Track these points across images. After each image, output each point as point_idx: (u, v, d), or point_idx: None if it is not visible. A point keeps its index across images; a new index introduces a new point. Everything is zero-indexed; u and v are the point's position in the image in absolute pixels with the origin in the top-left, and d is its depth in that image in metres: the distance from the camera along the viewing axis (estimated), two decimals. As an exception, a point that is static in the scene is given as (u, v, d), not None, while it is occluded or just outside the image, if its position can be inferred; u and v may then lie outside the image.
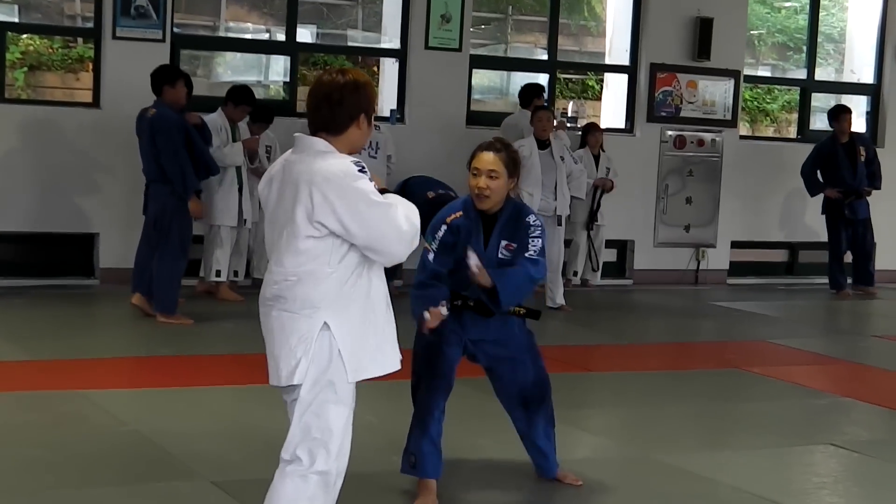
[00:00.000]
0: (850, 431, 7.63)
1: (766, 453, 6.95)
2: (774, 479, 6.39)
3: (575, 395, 8.14)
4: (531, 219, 5.68)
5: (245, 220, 11.20)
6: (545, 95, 12.82)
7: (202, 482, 5.85)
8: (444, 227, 5.64)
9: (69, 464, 6.09)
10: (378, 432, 6.89)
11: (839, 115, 13.87)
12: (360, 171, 4.32)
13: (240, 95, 11.13)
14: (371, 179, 4.36)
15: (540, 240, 5.66)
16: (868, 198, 13.82)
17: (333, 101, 4.41)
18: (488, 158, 5.62)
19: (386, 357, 4.53)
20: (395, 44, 13.08)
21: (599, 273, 13.28)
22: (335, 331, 4.38)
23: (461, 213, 5.64)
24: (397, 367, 4.56)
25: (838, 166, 13.71)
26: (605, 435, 7.46)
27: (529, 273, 5.61)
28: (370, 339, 4.46)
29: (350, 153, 4.44)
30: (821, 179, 13.84)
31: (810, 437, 7.41)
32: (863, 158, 13.81)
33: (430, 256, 5.60)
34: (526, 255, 5.63)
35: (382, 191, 4.47)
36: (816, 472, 6.75)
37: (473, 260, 5.46)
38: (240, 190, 11.13)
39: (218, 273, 11.12)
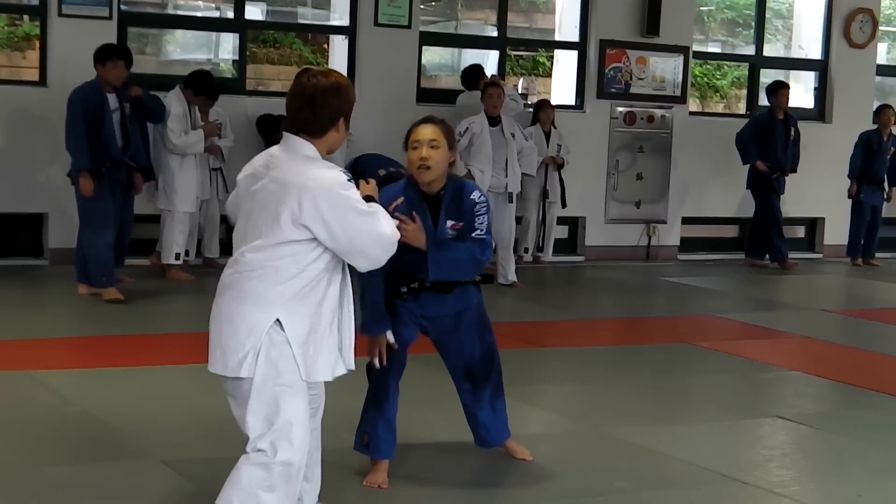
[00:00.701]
0: (797, 404, 7.70)
1: (715, 427, 7.02)
2: (723, 453, 6.44)
3: (526, 371, 8.18)
4: (476, 195, 5.60)
5: (202, 203, 11.20)
6: (488, 75, 12.77)
7: (152, 461, 5.83)
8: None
9: (17, 444, 6.06)
10: (328, 410, 6.89)
11: (777, 90, 13.98)
12: (348, 180, 4.44)
13: (199, 84, 11.08)
14: (359, 188, 4.52)
15: (486, 217, 5.59)
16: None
17: (315, 103, 4.48)
18: (428, 130, 5.52)
19: (336, 364, 4.62)
20: (344, 21, 13.03)
21: (551, 249, 13.32)
22: (287, 328, 4.43)
23: (402, 198, 5.52)
24: (344, 372, 4.65)
25: (774, 140, 13.80)
26: (555, 410, 7.48)
27: (473, 253, 5.55)
28: (321, 342, 4.53)
29: (328, 154, 4.53)
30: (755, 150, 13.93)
31: (758, 410, 7.48)
32: (792, 137, 13.92)
33: None
34: (473, 234, 5.57)
35: (368, 198, 4.58)
36: (764, 445, 6.80)
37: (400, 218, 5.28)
38: (198, 174, 11.10)
39: (177, 256, 11.06)
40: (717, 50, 17.45)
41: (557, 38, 14.64)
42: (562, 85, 14.44)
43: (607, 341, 9.68)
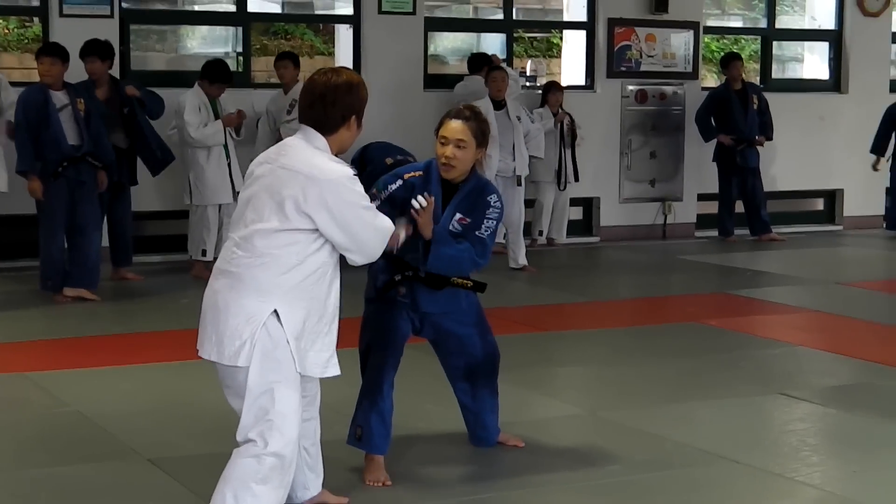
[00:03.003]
0: (803, 381, 7.57)
1: (717, 406, 6.92)
2: (721, 433, 6.36)
3: (531, 356, 8.14)
4: (493, 199, 5.55)
5: (237, 194, 11.09)
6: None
7: (139, 460, 5.79)
8: (399, 182, 5.51)
9: (8, 446, 6.06)
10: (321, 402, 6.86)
11: (730, 62, 13.82)
12: (355, 175, 4.53)
13: (214, 72, 10.93)
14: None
15: (495, 222, 5.54)
16: (760, 147, 13.78)
17: (327, 101, 4.58)
18: (457, 127, 5.48)
19: (329, 363, 4.63)
20: (348, 9, 12.97)
21: (565, 231, 13.23)
22: (284, 320, 4.43)
23: (421, 173, 5.52)
24: (337, 373, 4.68)
25: (731, 113, 13.63)
26: (556, 395, 7.41)
27: (473, 254, 5.51)
28: (317, 340, 4.56)
29: (338, 153, 4.62)
30: (714, 126, 13.77)
31: (762, 387, 7.34)
32: (755, 107, 13.74)
33: (375, 204, 5.33)
34: (476, 232, 5.52)
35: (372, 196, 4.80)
36: (765, 424, 6.70)
37: (421, 200, 5.29)
38: (229, 165, 10.99)
39: (203, 252, 10.95)
40: (738, 24, 17.32)
41: (565, 18, 14.52)
42: (571, 65, 14.31)
43: (616, 323, 9.57)
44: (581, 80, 13.93)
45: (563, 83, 13.62)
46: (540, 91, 13.23)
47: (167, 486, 5.46)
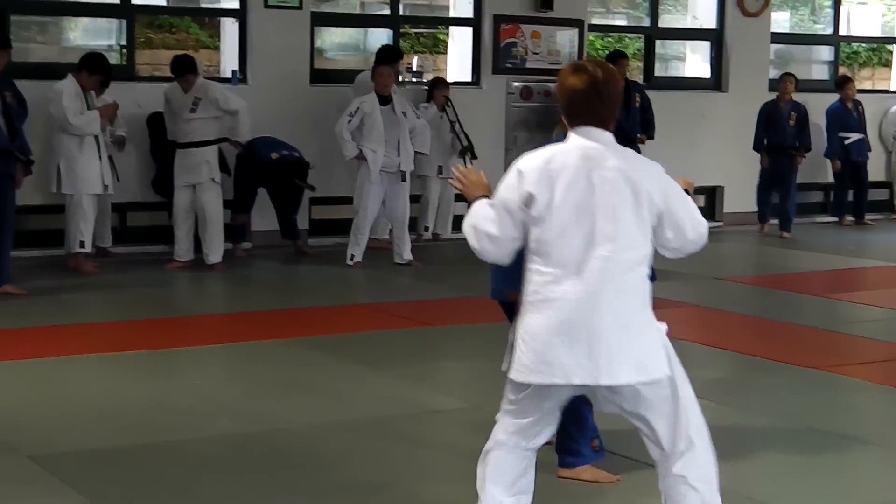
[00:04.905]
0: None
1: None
2: (599, 423, 6.41)
3: (419, 350, 8.24)
4: None
5: (107, 187, 10.99)
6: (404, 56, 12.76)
7: (19, 457, 5.73)
8: None
9: None
10: (206, 397, 6.88)
11: (615, 60, 14.01)
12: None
13: (95, 64, 10.87)
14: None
15: None
16: (641, 145, 13.98)
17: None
18: None
19: None
20: (234, 3, 12.90)
21: (450, 226, 13.31)
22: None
23: None
24: None
25: None
26: (441, 389, 7.47)
27: None
28: None
29: None
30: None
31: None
32: (637, 105, 13.96)
33: None
34: None
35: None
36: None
37: None
38: (100, 157, 10.89)
39: (81, 244, 10.88)
40: (623, 22, 17.54)
41: (452, 14, 14.60)
42: (458, 61, 14.39)
43: (499, 318, 9.60)
44: (467, 77, 14.02)
45: (450, 79, 13.70)
46: (426, 87, 13.29)
47: (47, 483, 5.41)
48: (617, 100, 4.58)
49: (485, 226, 4.52)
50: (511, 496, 4.64)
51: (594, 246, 4.36)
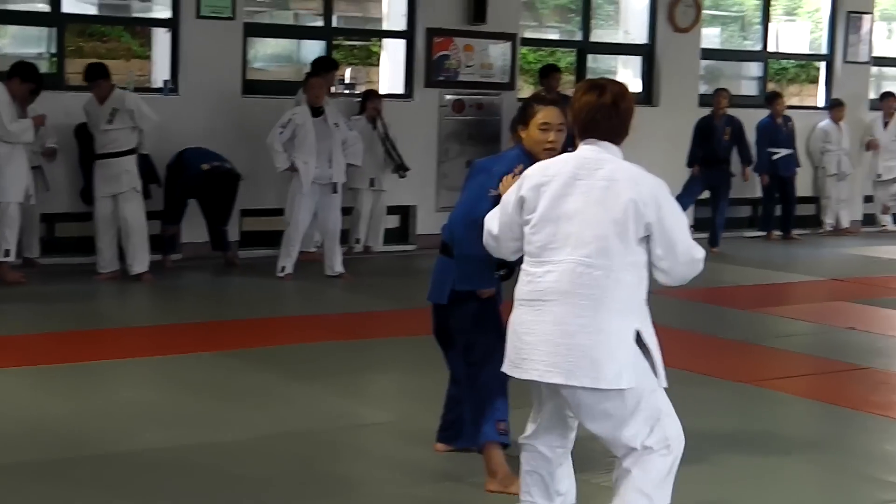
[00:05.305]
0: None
1: (524, 413, 6.98)
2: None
3: (350, 363, 8.20)
4: None
5: (30, 197, 10.88)
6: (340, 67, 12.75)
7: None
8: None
9: None
10: (133, 410, 6.83)
11: (549, 73, 14.07)
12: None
13: (27, 72, 10.82)
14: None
15: None
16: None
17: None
18: (557, 114, 5.59)
19: None
20: (166, 13, 12.82)
21: (381, 239, 13.31)
22: (646, 337, 4.63)
23: (521, 165, 5.47)
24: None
25: None
26: (372, 402, 7.47)
27: None
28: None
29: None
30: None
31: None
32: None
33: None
34: None
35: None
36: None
37: None
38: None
39: (7, 252, 10.74)
40: (556, 36, 17.61)
41: (385, 26, 14.60)
42: (390, 74, 14.40)
43: (430, 331, 9.64)
44: (400, 89, 14.02)
45: (382, 91, 13.70)
46: (359, 99, 13.28)
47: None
48: (630, 116, 4.79)
49: (489, 223, 4.89)
50: None
51: (571, 250, 4.54)
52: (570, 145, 5.00)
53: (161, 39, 13.10)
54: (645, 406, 4.58)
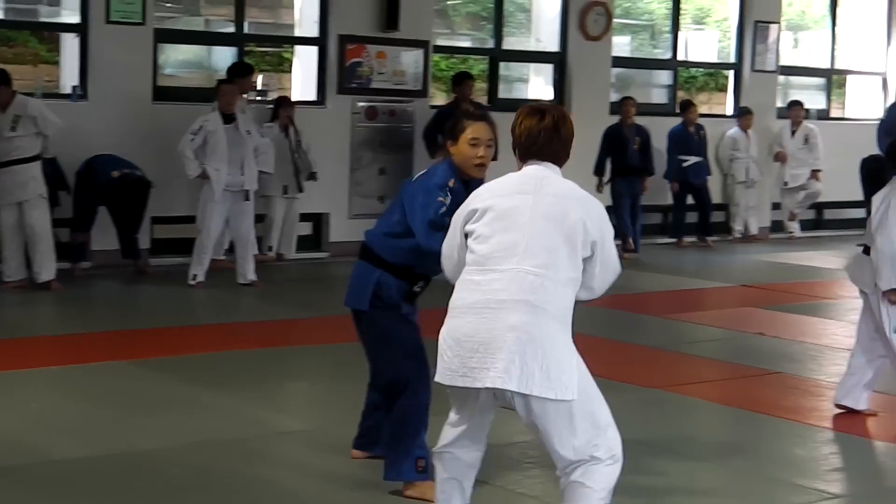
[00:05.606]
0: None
1: (441, 421, 7.01)
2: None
3: (262, 372, 8.14)
4: None
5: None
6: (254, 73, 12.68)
7: None
8: (448, 194, 5.52)
9: None
10: (42, 420, 6.73)
11: (462, 81, 14.11)
12: None
13: None
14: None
15: None
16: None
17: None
18: (487, 129, 5.64)
19: None
20: (75, 17, 12.66)
21: (294, 246, 13.25)
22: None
23: (453, 180, 5.55)
24: None
25: None
26: (286, 411, 7.42)
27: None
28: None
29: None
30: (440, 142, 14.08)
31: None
32: None
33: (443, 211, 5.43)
34: None
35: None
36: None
37: None
38: None
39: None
40: (468, 44, 17.63)
41: (297, 33, 14.55)
42: (303, 81, 14.34)
43: (342, 338, 9.58)
44: (312, 96, 13.96)
45: (294, 98, 13.65)
46: (271, 106, 13.22)
47: None
48: (571, 139, 4.89)
49: (448, 251, 4.94)
50: None
51: (519, 260, 4.60)
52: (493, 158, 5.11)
53: (69, 45, 12.94)
54: (590, 415, 4.63)
